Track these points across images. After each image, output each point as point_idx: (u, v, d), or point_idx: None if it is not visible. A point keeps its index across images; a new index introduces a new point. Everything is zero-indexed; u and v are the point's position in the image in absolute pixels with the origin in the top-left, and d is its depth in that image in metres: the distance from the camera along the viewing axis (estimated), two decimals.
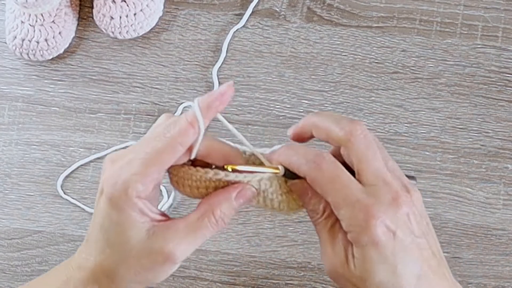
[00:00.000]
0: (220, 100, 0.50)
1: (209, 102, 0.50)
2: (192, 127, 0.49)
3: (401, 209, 0.48)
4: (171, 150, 0.49)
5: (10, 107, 0.78)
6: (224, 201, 0.51)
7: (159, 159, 0.49)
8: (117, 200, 0.49)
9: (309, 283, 0.73)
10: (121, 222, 0.49)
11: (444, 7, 0.78)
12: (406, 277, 0.48)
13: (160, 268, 0.50)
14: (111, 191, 0.49)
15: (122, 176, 0.48)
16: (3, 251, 0.75)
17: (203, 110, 0.50)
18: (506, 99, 0.76)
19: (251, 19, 0.78)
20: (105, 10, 0.76)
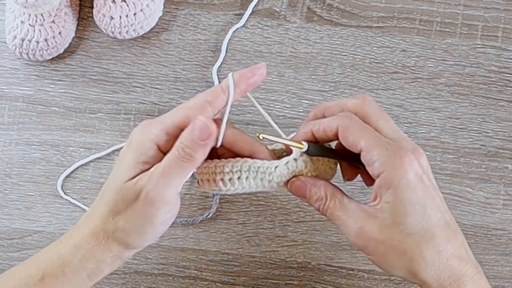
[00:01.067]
0: (253, 74, 0.54)
1: (242, 74, 0.54)
2: (223, 92, 0.53)
3: (422, 159, 0.52)
4: (200, 106, 0.53)
5: (10, 107, 0.78)
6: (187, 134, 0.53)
7: (185, 111, 0.53)
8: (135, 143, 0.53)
9: (309, 283, 0.73)
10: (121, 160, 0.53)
11: (444, 7, 0.78)
12: (435, 220, 0.51)
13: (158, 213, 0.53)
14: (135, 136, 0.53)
15: (149, 125, 0.53)
16: (3, 251, 0.75)
17: (236, 79, 0.53)
18: (506, 99, 0.76)
19: (251, 19, 0.78)
20: (105, 10, 0.76)
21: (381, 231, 0.51)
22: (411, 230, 0.50)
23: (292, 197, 0.74)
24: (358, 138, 0.52)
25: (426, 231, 0.50)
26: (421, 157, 0.52)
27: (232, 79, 0.53)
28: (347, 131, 0.52)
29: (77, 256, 0.54)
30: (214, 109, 0.53)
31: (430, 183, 0.52)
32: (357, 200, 0.54)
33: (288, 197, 0.74)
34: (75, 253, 0.54)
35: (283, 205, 0.74)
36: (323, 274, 0.73)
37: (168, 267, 0.73)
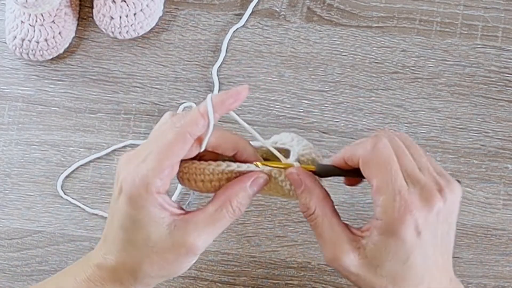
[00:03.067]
0: (234, 98, 0.51)
1: (223, 98, 0.51)
2: (202, 118, 0.51)
3: (433, 210, 0.49)
4: (182, 140, 0.50)
5: (10, 107, 0.78)
6: (240, 191, 0.53)
7: (171, 151, 0.50)
8: (137, 198, 0.50)
9: (309, 283, 0.73)
10: (142, 220, 0.50)
11: (444, 7, 0.78)
12: (416, 269, 0.50)
13: (183, 259, 0.52)
14: (131, 190, 0.50)
15: (140, 174, 0.50)
16: (3, 251, 0.75)
17: (216, 105, 0.51)
18: (506, 99, 0.76)
19: (251, 19, 0.78)
20: (105, 10, 0.76)
21: (356, 266, 0.51)
22: (386, 273, 0.50)
23: None
24: (372, 176, 0.50)
25: (398, 275, 0.50)
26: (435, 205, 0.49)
27: (211, 102, 0.50)
28: (365, 166, 0.51)
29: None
30: (193, 136, 0.51)
31: (430, 237, 0.50)
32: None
33: None
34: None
35: (283, 205, 0.74)
36: (323, 274, 0.73)
37: None
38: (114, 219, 0.52)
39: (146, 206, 0.50)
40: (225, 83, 0.77)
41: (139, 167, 0.50)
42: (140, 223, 0.50)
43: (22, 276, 0.74)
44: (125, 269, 0.52)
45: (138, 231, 0.51)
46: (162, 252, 0.51)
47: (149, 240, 0.51)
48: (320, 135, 0.75)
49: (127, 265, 0.52)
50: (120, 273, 0.52)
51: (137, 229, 0.51)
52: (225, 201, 0.52)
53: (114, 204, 0.52)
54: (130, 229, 0.51)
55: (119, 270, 0.52)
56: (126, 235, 0.51)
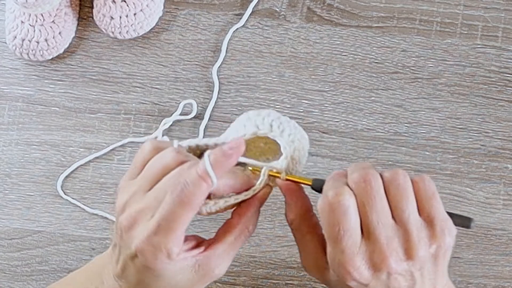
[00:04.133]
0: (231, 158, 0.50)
1: (218, 160, 0.49)
2: (205, 182, 0.49)
3: (381, 272, 0.49)
4: (191, 209, 0.49)
5: (10, 107, 0.78)
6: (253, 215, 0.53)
7: (183, 220, 0.49)
8: (158, 266, 0.49)
9: (309, 283, 0.73)
10: (166, 275, 0.50)
11: (444, 7, 0.78)
12: None
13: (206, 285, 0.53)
14: (150, 261, 0.49)
15: (158, 246, 0.49)
16: (3, 251, 0.75)
17: (215, 167, 0.49)
18: (506, 99, 0.76)
19: (251, 19, 0.78)
20: (105, 10, 0.76)
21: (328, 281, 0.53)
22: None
23: None
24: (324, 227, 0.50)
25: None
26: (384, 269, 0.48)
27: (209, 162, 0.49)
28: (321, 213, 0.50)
29: None
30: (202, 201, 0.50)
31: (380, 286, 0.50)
32: None
33: None
34: None
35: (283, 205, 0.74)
36: None
37: None
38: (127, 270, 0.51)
39: (168, 266, 0.50)
40: (225, 83, 0.77)
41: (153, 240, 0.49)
42: (165, 277, 0.50)
43: (22, 276, 0.74)
44: None
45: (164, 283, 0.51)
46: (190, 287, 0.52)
47: (175, 286, 0.51)
48: (320, 135, 0.75)
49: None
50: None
51: (160, 281, 0.51)
52: (243, 229, 0.53)
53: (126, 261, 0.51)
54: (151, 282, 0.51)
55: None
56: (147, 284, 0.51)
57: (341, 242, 0.48)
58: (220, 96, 0.77)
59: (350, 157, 0.75)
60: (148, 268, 0.50)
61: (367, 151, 0.75)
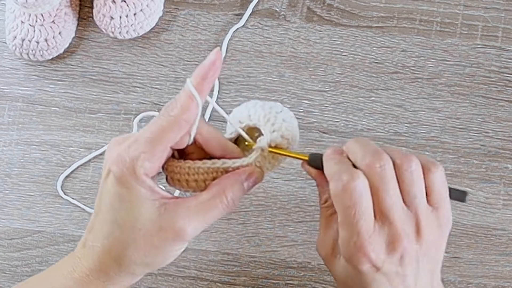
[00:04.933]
0: (212, 69, 0.51)
1: (202, 74, 0.50)
2: (191, 100, 0.50)
3: (395, 254, 0.50)
4: (177, 127, 0.50)
5: (10, 107, 0.78)
6: (235, 183, 0.52)
7: (165, 136, 0.50)
8: (126, 178, 0.49)
9: (309, 283, 0.73)
10: (131, 200, 0.49)
11: (444, 7, 0.78)
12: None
13: (170, 246, 0.51)
14: (120, 170, 0.49)
15: (130, 154, 0.49)
16: (3, 251, 0.75)
17: (199, 84, 0.50)
18: (506, 99, 0.76)
19: (251, 19, 0.78)
20: (105, 10, 0.76)
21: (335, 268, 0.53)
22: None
23: (292, 197, 0.74)
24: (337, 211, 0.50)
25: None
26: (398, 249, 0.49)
27: (191, 84, 0.50)
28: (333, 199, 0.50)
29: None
30: (188, 122, 0.51)
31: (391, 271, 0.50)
32: None
33: (288, 197, 0.74)
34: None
35: (283, 205, 0.74)
36: (323, 274, 0.73)
37: (168, 267, 0.73)
38: (101, 203, 0.51)
39: (136, 187, 0.49)
40: (225, 83, 0.77)
41: (130, 148, 0.49)
42: (130, 203, 0.49)
43: (22, 276, 0.74)
44: (110, 256, 0.51)
45: (127, 212, 0.50)
46: (149, 235, 0.50)
47: (137, 221, 0.49)
48: (320, 135, 0.75)
49: (112, 251, 0.51)
50: (105, 261, 0.51)
51: (126, 209, 0.50)
52: (220, 192, 0.51)
53: (103, 186, 0.51)
54: (119, 210, 0.50)
55: (105, 258, 0.51)
56: (114, 216, 0.50)
57: (356, 225, 0.49)
58: (220, 96, 0.77)
59: None
60: (118, 184, 0.49)
61: None
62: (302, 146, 0.75)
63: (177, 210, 0.50)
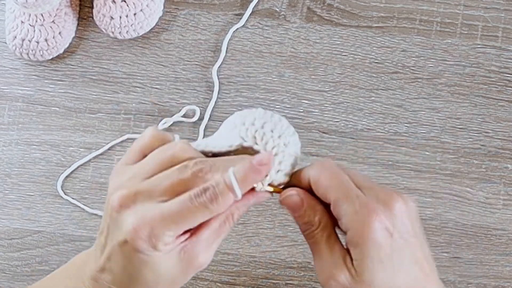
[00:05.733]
0: (257, 172, 0.50)
1: (245, 173, 0.49)
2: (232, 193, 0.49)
3: (396, 209, 0.49)
4: (209, 215, 0.49)
5: (10, 107, 0.78)
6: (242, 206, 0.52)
7: (194, 221, 0.49)
8: (147, 253, 0.48)
9: (309, 283, 0.73)
10: (153, 264, 0.49)
11: (444, 7, 0.78)
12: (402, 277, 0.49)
13: (188, 277, 0.51)
14: (141, 245, 0.48)
15: (154, 231, 0.48)
16: (3, 251, 0.75)
17: (240, 182, 0.49)
18: (506, 99, 0.76)
19: (251, 19, 0.78)
20: (105, 10, 0.76)
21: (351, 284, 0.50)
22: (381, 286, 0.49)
23: None
24: (327, 190, 0.50)
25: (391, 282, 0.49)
26: (397, 204, 0.49)
27: (236, 182, 0.48)
28: (317, 183, 0.50)
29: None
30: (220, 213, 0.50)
31: (403, 235, 0.49)
32: None
33: None
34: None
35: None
36: None
37: None
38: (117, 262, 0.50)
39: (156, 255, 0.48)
40: (225, 83, 0.77)
41: (153, 223, 0.48)
42: (151, 266, 0.49)
43: (22, 276, 0.74)
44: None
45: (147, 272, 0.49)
46: (171, 279, 0.50)
47: (160, 278, 0.50)
48: (320, 135, 0.75)
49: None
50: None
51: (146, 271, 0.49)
52: (228, 215, 0.51)
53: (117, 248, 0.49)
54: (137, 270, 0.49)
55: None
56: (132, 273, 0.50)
57: (352, 190, 0.49)
58: (220, 96, 0.77)
59: (350, 157, 0.75)
60: (136, 252, 0.48)
61: (367, 151, 0.75)
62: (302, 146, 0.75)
63: (194, 249, 0.50)
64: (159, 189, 0.49)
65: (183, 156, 0.50)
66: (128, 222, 0.48)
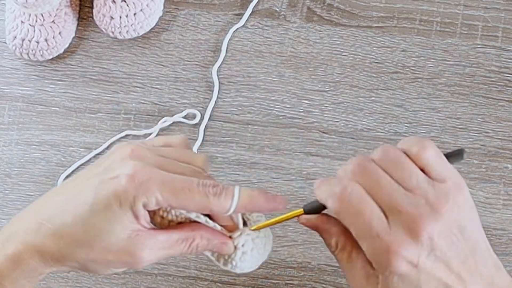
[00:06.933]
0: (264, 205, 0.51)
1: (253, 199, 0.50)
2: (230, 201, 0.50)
3: (421, 238, 0.47)
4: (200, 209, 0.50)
5: (10, 107, 0.78)
6: (205, 239, 0.52)
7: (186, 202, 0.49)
8: (127, 197, 0.48)
9: (309, 283, 0.73)
10: (115, 215, 0.49)
11: (444, 7, 0.78)
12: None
13: (118, 265, 0.51)
14: (129, 188, 0.48)
15: (149, 185, 0.48)
16: None
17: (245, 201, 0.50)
18: (506, 99, 0.76)
19: (251, 19, 0.78)
20: (105, 10, 0.76)
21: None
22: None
23: (292, 197, 0.74)
24: (348, 226, 0.49)
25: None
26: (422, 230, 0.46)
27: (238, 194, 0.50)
28: (338, 217, 0.49)
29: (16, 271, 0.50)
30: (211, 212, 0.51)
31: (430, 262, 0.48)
32: None
33: (288, 197, 0.74)
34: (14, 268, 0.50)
35: None
36: (323, 274, 0.73)
37: (168, 267, 0.73)
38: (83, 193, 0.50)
39: (127, 208, 0.49)
40: (225, 83, 0.77)
41: (152, 179, 0.49)
42: (111, 215, 0.49)
43: None
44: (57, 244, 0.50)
45: (102, 220, 0.49)
46: (107, 249, 0.49)
47: (105, 233, 0.49)
48: (320, 135, 0.75)
49: (61, 242, 0.49)
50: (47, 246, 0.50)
51: (103, 218, 0.49)
52: (189, 238, 0.51)
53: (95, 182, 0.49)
54: (96, 213, 0.49)
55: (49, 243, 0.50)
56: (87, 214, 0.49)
57: (372, 229, 0.47)
58: (220, 96, 0.77)
59: (350, 157, 0.75)
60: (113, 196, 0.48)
61: (367, 151, 0.75)
62: (302, 146, 0.75)
63: (145, 240, 0.50)
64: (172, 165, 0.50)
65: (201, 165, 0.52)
66: (129, 167, 0.49)
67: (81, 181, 0.51)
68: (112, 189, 0.49)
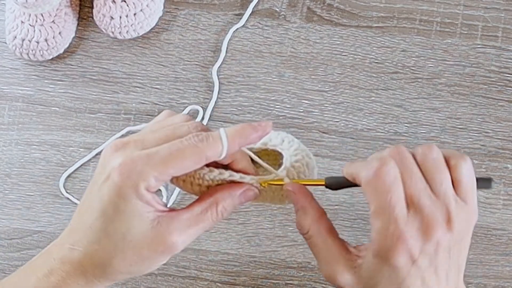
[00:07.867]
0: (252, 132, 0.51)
1: (239, 131, 0.50)
2: (220, 144, 0.50)
3: (430, 241, 0.48)
4: (197, 160, 0.49)
5: (10, 107, 0.78)
6: (228, 197, 0.52)
7: (182, 163, 0.49)
8: (126, 190, 0.48)
9: (309, 283, 0.73)
10: (126, 211, 0.49)
11: (444, 7, 0.78)
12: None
13: (159, 258, 0.50)
14: (122, 180, 0.48)
15: (138, 169, 0.48)
16: (3, 251, 0.75)
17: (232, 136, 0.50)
18: (506, 99, 0.76)
19: (251, 19, 0.78)
20: (105, 10, 0.76)
21: (351, 286, 0.51)
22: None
23: None
24: (371, 200, 0.49)
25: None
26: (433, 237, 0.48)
27: (226, 137, 0.50)
28: (365, 188, 0.49)
29: None
30: (208, 161, 0.50)
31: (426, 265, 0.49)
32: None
33: None
34: None
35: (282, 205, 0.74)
36: None
37: (168, 267, 0.73)
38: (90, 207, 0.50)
39: (134, 200, 0.48)
40: (225, 83, 0.77)
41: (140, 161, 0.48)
42: (124, 214, 0.49)
43: None
44: (93, 262, 0.50)
45: (119, 223, 0.49)
46: (139, 247, 0.49)
47: (129, 233, 0.49)
48: (320, 135, 0.75)
49: (95, 259, 0.50)
50: (86, 267, 0.50)
51: (118, 220, 0.49)
52: (212, 204, 0.51)
53: (96, 191, 0.50)
54: (110, 219, 0.49)
55: (86, 263, 0.50)
56: (104, 224, 0.49)
57: (393, 211, 0.48)
58: (220, 96, 0.77)
59: (350, 157, 0.75)
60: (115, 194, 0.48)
61: (367, 151, 0.75)
62: None
63: (170, 224, 0.50)
64: (152, 138, 0.50)
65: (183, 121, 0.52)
66: (115, 162, 0.49)
67: (87, 195, 0.52)
68: (109, 190, 0.49)
